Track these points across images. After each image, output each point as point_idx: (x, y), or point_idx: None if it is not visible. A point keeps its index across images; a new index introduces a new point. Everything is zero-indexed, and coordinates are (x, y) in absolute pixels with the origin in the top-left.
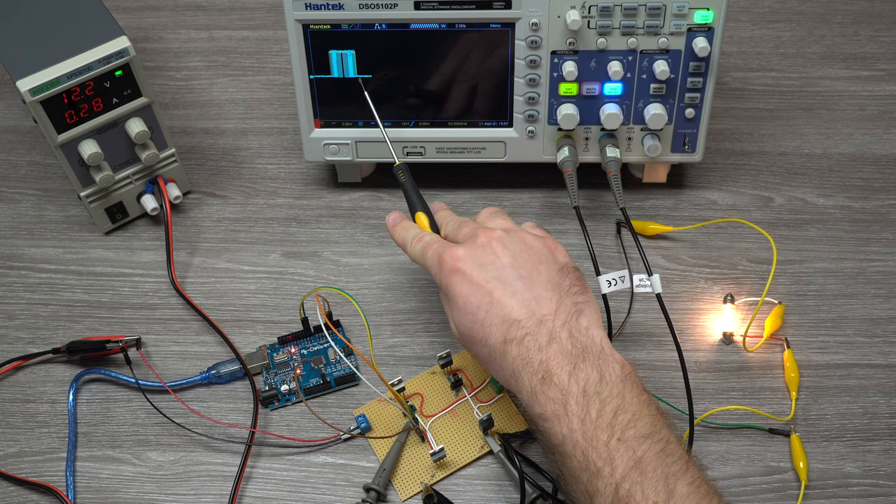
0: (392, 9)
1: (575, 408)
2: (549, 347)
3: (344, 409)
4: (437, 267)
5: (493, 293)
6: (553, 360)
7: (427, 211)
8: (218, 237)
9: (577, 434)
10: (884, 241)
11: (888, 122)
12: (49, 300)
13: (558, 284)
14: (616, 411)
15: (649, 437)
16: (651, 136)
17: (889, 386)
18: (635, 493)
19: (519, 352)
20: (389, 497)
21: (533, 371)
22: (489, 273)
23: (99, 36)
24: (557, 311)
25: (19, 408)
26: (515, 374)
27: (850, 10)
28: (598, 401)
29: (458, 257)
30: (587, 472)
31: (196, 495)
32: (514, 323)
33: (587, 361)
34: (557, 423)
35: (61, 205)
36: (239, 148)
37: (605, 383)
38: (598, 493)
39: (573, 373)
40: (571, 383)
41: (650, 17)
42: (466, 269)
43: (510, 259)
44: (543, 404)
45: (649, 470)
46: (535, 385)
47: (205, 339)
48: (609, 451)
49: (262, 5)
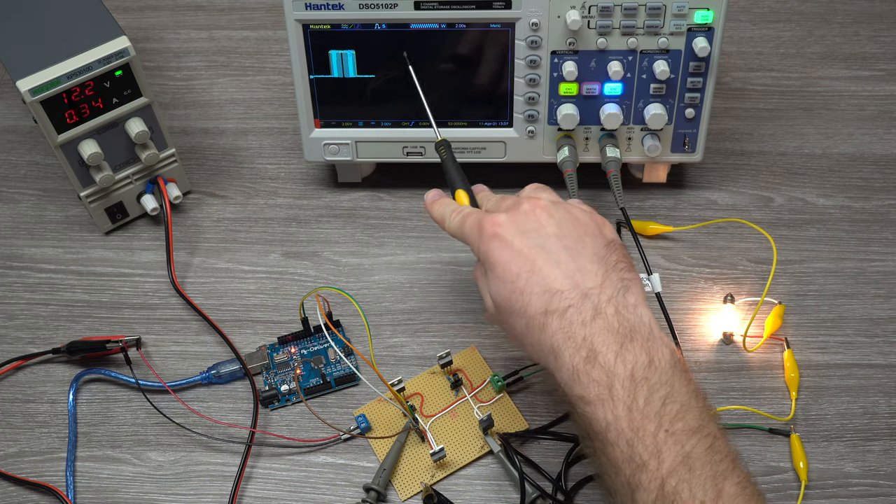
0: (392, 9)
1: (621, 392)
2: (593, 323)
3: (344, 409)
4: (475, 234)
5: (535, 261)
6: (598, 337)
7: (468, 190)
8: (218, 237)
9: (622, 422)
10: (884, 241)
11: (888, 122)
12: (49, 300)
13: (604, 258)
14: (665, 400)
15: (698, 431)
16: (651, 136)
17: (889, 386)
18: (682, 490)
19: (560, 325)
20: (389, 497)
21: (575, 347)
22: (532, 240)
23: (99, 36)
24: (603, 286)
25: (19, 408)
26: (555, 350)
27: (850, 10)
28: (647, 387)
29: (499, 223)
30: (631, 463)
31: (196, 495)
32: (556, 293)
33: (635, 342)
34: (601, 407)
35: (61, 205)
36: (239, 148)
37: (653, 368)
38: (641, 486)
39: (620, 353)
40: (618, 365)
41: (650, 17)
42: (507, 235)
43: (555, 228)
44: (586, 385)
45: (697, 467)
46: (578, 363)
47: (205, 339)
48: (656, 443)
49: (262, 5)
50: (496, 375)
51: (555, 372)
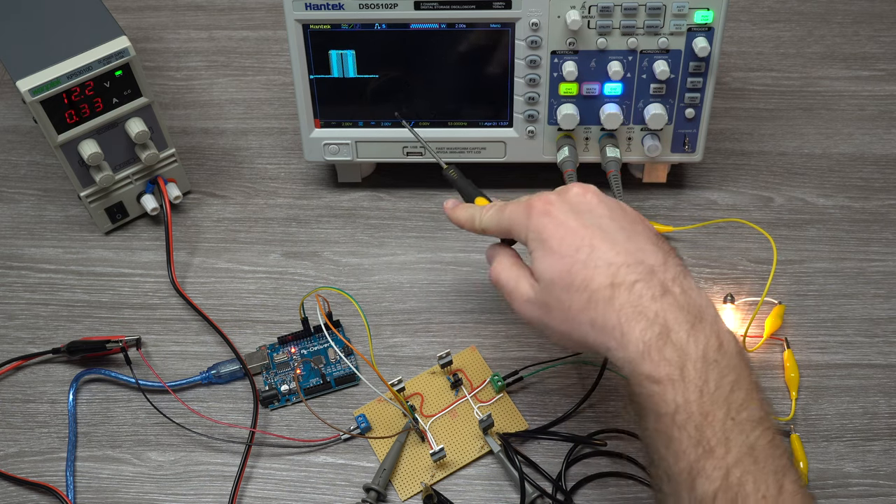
0: (392, 9)
1: (693, 374)
2: (663, 299)
3: (344, 409)
4: (522, 215)
5: (593, 237)
6: (670, 314)
7: (486, 196)
8: (218, 237)
9: (692, 405)
10: (884, 241)
11: (888, 122)
12: (49, 300)
13: (658, 243)
14: (732, 387)
15: (760, 423)
16: (651, 136)
17: (889, 386)
18: (746, 482)
19: (629, 298)
20: (389, 497)
21: (647, 323)
22: (587, 220)
23: (99, 36)
24: (666, 265)
25: (19, 408)
26: (622, 325)
27: (850, 10)
28: (717, 371)
29: (550, 201)
30: (698, 448)
31: (196, 495)
32: (621, 266)
33: (704, 323)
34: (671, 388)
35: (61, 205)
36: (239, 148)
37: (723, 352)
38: (703, 473)
39: (691, 332)
40: (690, 344)
41: (650, 17)
42: (560, 213)
43: (607, 211)
44: (657, 363)
45: (761, 459)
46: (651, 340)
47: (205, 339)
48: (725, 430)
49: (262, 5)
50: (496, 375)
51: (618, 349)
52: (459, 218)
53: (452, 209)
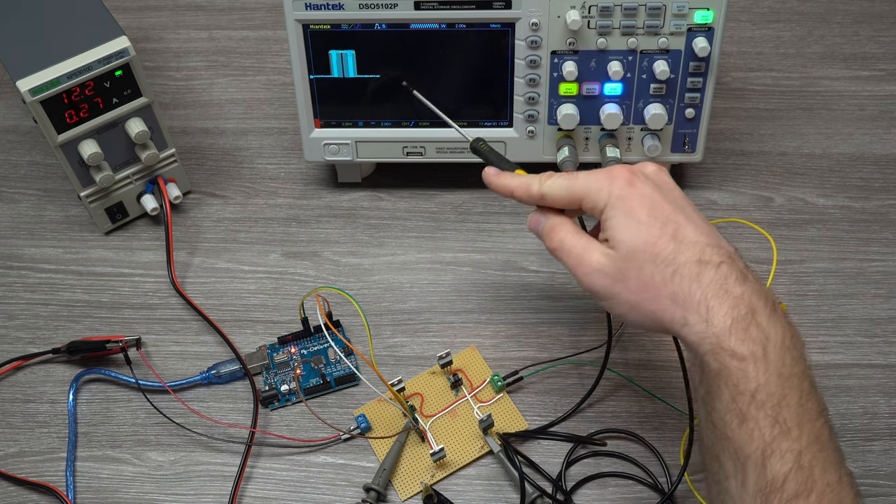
0: (392, 9)
1: (774, 357)
2: (745, 283)
3: (344, 409)
4: (603, 180)
5: (678, 214)
6: (754, 297)
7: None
8: (218, 237)
9: (773, 385)
10: (884, 241)
11: (888, 122)
12: (49, 300)
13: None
14: (802, 376)
15: (822, 414)
16: (651, 136)
17: (889, 386)
18: (815, 466)
19: (715, 277)
20: (389, 497)
21: (735, 301)
22: (670, 197)
23: (99, 36)
24: (737, 254)
25: (19, 408)
26: (708, 300)
27: (850, 10)
28: (791, 358)
29: (633, 171)
30: (776, 428)
31: (196, 495)
32: (706, 246)
33: (777, 313)
34: (754, 366)
35: (61, 205)
36: (239, 148)
37: (795, 342)
38: (778, 453)
39: (772, 318)
40: (771, 328)
41: (650, 17)
42: (644, 186)
43: (681, 193)
44: (743, 341)
45: (826, 448)
46: (739, 317)
47: (205, 339)
48: (799, 414)
49: (262, 5)
50: (496, 375)
51: (698, 323)
52: (509, 184)
53: (497, 175)
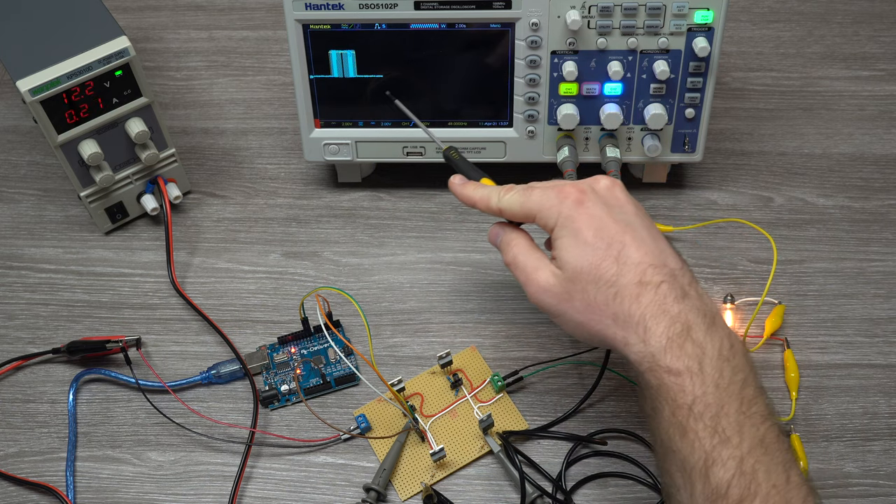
0: (392, 9)
1: (710, 369)
2: (684, 301)
3: (344, 409)
4: (553, 200)
5: (625, 234)
6: (690, 315)
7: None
8: (218, 237)
9: (710, 397)
10: (884, 241)
11: (888, 122)
12: (49, 300)
13: (673, 249)
14: (743, 384)
15: (768, 417)
16: (651, 136)
17: (889, 386)
18: (759, 471)
19: (655, 297)
20: (389, 497)
21: (671, 320)
22: (618, 215)
23: (99, 36)
24: (683, 270)
25: (19, 408)
26: (646, 321)
27: (850, 10)
28: (730, 368)
29: (584, 191)
30: (715, 438)
31: (196, 495)
32: (648, 267)
33: (717, 326)
34: (690, 380)
35: (61, 205)
36: (239, 148)
37: (734, 352)
38: (720, 462)
39: (709, 332)
40: (707, 343)
41: (650, 17)
42: (594, 206)
43: (634, 208)
44: (678, 357)
45: (771, 451)
46: (673, 336)
47: (205, 339)
48: (739, 422)
49: (262, 5)
50: (496, 375)
51: (637, 343)
52: (472, 196)
53: (462, 185)
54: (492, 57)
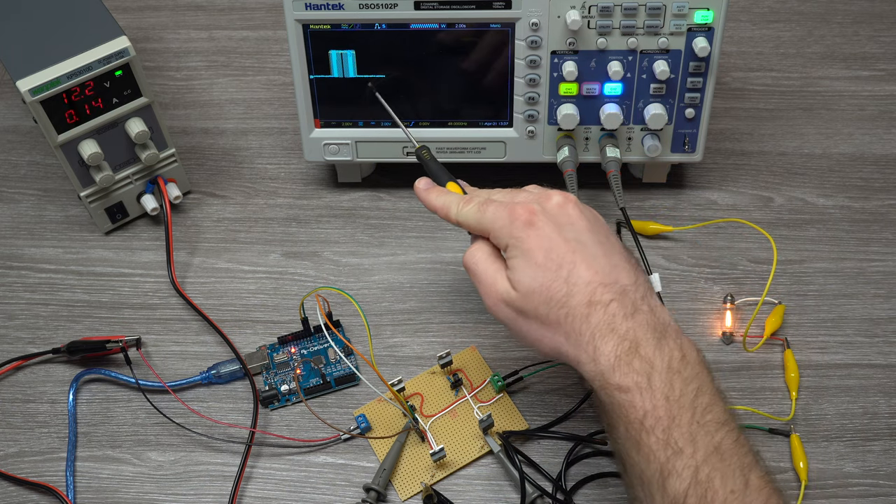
0: (392, 9)
1: (659, 383)
2: (634, 317)
3: (344, 409)
4: (505, 220)
5: (574, 254)
6: (639, 331)
7: (458, 182)
8: (218, 237)
9: (660, 410)
10: (884, 241)
11: (888, 122)
12: (49, 300)
13: (629, 258)
14: (696, 393)
15: (725, 424)
16: (651, 136)
17: (889, 386)
18: (715, 478)
19: (604, 317)
20: (389, 497)
21: (619, 339)
22: (569, 234)
23: (99, 36)
24: (636, 284)
25: (19, 408)
26: (595, 340)
27: (850, 10)
28: (681, 379)
29: (534, 211)
30: (668, 450)
31: (196, 495)
32: (598, 286)
33: (668, 338)
34: (639, 395)
35: (61, 205)
36: (239, 148)
37: (686, 362)
38: (675, 473)
39: (658, 347)
40: (657, 357)
41: (650, 17)
42: (544, 226)
43: (587, 224)
44: (626, 374)
45: (727, 457)
46: (621, 354)
47: (205, 339)
48: (691, 431)
49: (262, 5)
50: (496, 375)
51: (589, 362)
52: (434, 203)
53: (426, 191)
54: (492, 57)
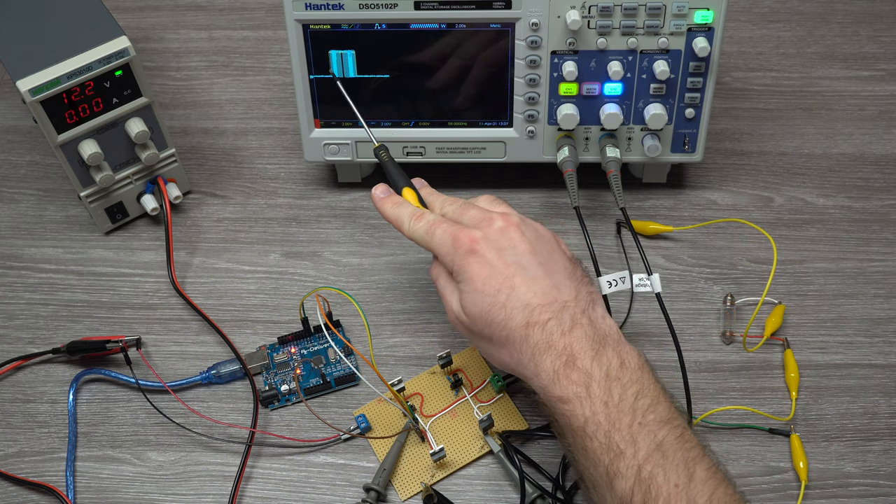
0: (392, 9)
1: (598, 391)
2: (571, 332)
3: (344, 409)
4: (449, 247)
5: (514, 277)
6: (577, 345)
7: (415, 188)
8: (218, 237)
9: (599, 416)
10: (884, 241)
11: (888, 122)
12: (49, 300)
13: (573, 273)
14: (637, 396)
15: (668, 422)
16: (651, 136)
17: (889, 386)
18: (657, 475)
19: (542, 336)
20: (389, 497)
21: (556, 354)
22: (509, 258)
23: (99, 36)
24: (577, 299)
25: (19, 408)
26: (535, 358)
27: (850, 10)
28: (620, 385)
29: (476, 239)
30: (610, 453)
31: (196, 495)
32: (536, 307)
33: (607, 347)
34: (579, 405)
35: (61, 205)
36: (239, 148)
37: (625, 369)
38: (619, 474)
39: (595, 357)
40: (594, 367)
41: (650, 17)
42: (485, 252)
43: (528, 246)
44: (565, 387)
45: (670, 453)
46: (559, 368)
47: (205, 339)
48: (632, 433)
49: (262, 5)
50: (496, 375)
51: (532, 378)
52: (387, 214)
53: (382, 200)
54: (492, 57)
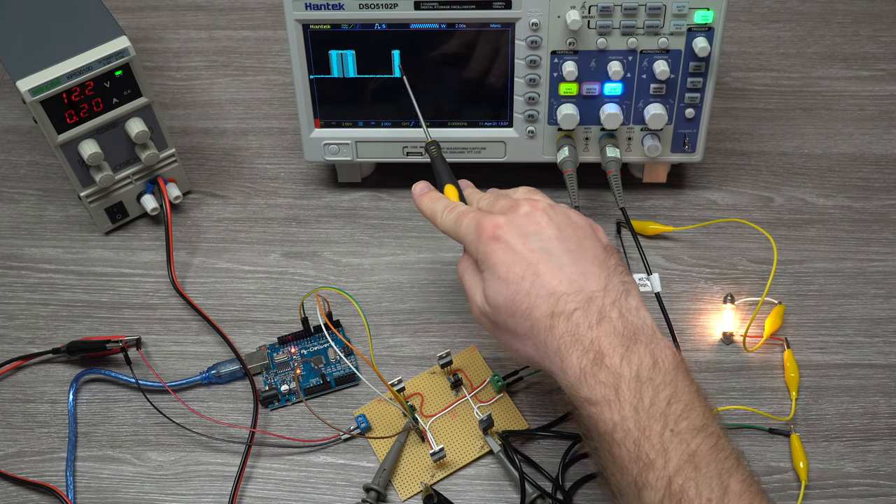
0: (392, 9)
1: (627, 394)
2: (599, 326)
3: (344, 409)
4: (473, 235)
5: (538, 264)
6: (605, 340)
7: (457, 185)
8: (218, 237)
9: (629, 422)
10: (884, 241)
11: (888, 122)
12: (49, 300)
13: (604, 262)
14: (669, 400)
15: (702, 429)
16: (651, 136)
17: (889, 386)
18: (689, 488)
19: (567, 327)
20: (389, 497)
21: (583, 350)
22: (534, 244)
23: (99, 36)
24: (607, 289)
25: (19, 408)
26: (561, 352)
27: (850, 10)
28: (651, 388)
29: (499, 225)
30: (638, 462)
31: (196, 495)
32: (562, 296)
33: (639, 344)
34: (608, 408)
35: (61, 205)
36: (239, 148)
37: (657, 369)
38: (648, 485)
39: (626, 356)
40: (624, 367)
41: (650, 17)
42: (509, 238)
43: (556, 231)
44: (593, 387)
45: (703, 465)
46: (586, 366)
47: (205, 339)
48: (663, 442)
49: (262, 5)
50: (496, 375)
51: (559, 374)
52: (424, 208)
53: (420, 196)
54: (492, 57)
